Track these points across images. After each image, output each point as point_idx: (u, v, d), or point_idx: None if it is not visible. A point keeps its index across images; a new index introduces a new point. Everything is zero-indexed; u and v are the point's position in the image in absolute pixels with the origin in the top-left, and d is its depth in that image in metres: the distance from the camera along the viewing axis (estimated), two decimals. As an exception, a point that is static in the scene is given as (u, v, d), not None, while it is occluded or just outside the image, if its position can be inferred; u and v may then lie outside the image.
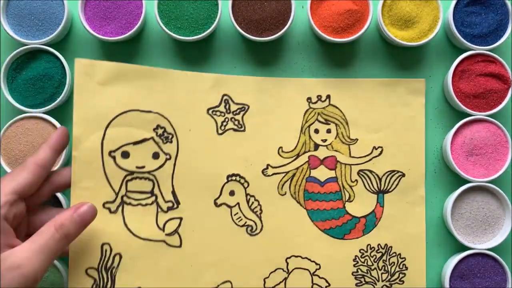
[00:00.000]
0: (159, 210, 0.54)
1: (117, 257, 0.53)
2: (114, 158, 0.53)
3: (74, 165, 0.52)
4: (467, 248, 0.56)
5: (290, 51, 0.60)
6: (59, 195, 0.55)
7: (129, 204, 0.53)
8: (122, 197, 0.53)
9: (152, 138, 0.54)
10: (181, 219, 0.55)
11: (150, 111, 0.55)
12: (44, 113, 0.56)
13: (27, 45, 0.56)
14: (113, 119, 0.54)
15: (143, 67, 0.55)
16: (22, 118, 0.56)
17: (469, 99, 0.57)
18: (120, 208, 0.53)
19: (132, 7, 0.57)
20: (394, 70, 0.60)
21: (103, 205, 0.53)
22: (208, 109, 0.57)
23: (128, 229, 0.53)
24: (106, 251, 0.53)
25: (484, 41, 0.57)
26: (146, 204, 0.54)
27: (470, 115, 0.57)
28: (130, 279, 0.53)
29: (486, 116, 0.57)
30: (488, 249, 0.56)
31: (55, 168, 0.55)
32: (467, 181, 0.56)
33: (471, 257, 0.56)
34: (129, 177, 0.54)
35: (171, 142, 0.55)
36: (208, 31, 0.56)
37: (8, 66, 0.56)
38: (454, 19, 0.57)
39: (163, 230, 0.54)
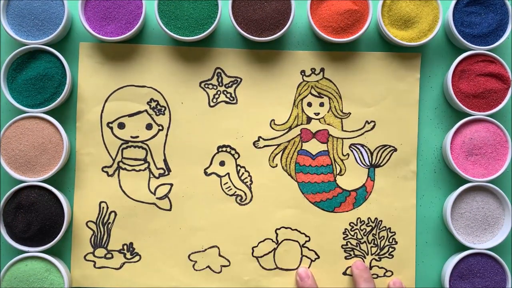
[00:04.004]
0: (151, 176, 0.59)
1: (112, 214, 0.58)
2: (111, 128, 0.59)
3: (78, 134, 0.58)
4: (467, 248, 0.56)
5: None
6: (59, 194, 0.55)
7: (124, 169, 0.58)
8: (118, 162, 0.58)
9: (145, 110, 0.58)
10: (171, 185, 0.58)
11: (144, 86, 0.58)
12: (44, 113, 0.56)
13: (27, 45, 0.56)
14: (111, 94, 0.58)
15: (137, 45, 0.58)
16: (22, 118, 0.56)
17: (469, 99, 0.57)
18: (117, 172, 0.58)
19: (132, 7, 0.57)
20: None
21: (102, 169, 0.58)
22: (201, 82, 0.59)
23: (123, 191, 0.58)
24: (103, 208, 0.58)
25: (484, 41, 0.57)
26: (139, 170, 0.59)
27: (470, 115, 0.57)
28: (123, 235, 0.58)
29: (486, 116, 0.57)
30: (488, 249, 0.56)
31: (52, 171, 0.55)
32: (467, 181, 0.57)
33: (471, 257, 0.56)
34: (124, 146, 0.59)
35: (163, 114, 0.58)
36: (208, 31, 0.56)
37: (8, 66, 0.56)
38: (454, 19, 0.57)
39: (154, 194, 0.59)
